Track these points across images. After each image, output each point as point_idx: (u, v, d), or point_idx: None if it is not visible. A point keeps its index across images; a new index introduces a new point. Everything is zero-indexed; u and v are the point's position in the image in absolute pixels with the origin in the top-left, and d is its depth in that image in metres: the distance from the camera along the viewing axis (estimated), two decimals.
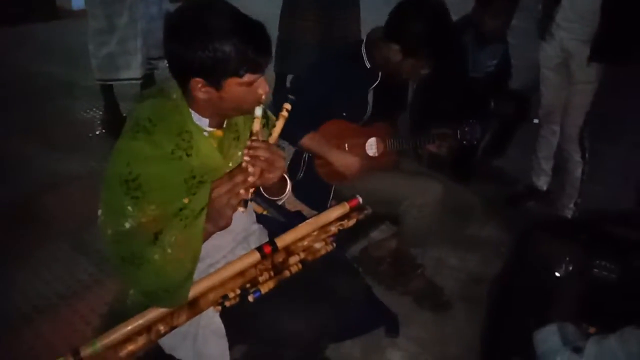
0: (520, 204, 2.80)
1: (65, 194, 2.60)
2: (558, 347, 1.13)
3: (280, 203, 1.40)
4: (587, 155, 2.48)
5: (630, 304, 1.33)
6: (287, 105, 1.13)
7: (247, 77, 1.06)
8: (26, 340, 1.79)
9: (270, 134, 1.15)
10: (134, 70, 2.93)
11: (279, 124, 1.13)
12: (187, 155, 1.10)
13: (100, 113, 3.37)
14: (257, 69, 1.07)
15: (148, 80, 3.01)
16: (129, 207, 1.06)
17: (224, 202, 1.08)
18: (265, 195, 1.37)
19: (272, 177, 1.12)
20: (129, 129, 1.10)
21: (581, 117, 2.42)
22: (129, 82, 2.98)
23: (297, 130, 1.78)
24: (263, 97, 1.11)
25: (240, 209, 1.09)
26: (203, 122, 1.15)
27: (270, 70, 3.04)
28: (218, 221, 1.10)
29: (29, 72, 4.02)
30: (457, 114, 2.26)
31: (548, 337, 1.17)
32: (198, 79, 1.05)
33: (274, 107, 1.34)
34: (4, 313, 1.90)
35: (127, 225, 1.06)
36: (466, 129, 2.02)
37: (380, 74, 1.83)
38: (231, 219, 1.11)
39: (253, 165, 1.09)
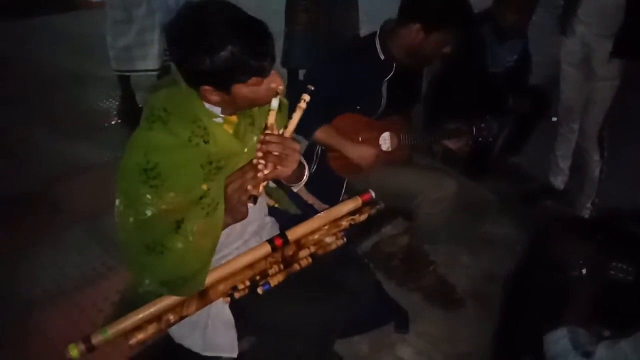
0: (536, 202, 2.76)
1: (80, 183, 2.63)
2: (568, 350, 1.11)
3: (297, 189, 1.40)
4: (605, 154, 2.42)
5: None
6: (306, 97, 1.11)
7: (254, 80, 1.05)
8: (39, 326, 1.82)
9: (285, 126, 1.14)
10: (151, 61, 2.96)
11: (296, 116, 1.12)
12: (205, 142, 1.09)
13: (117, 103, 3.39)
14: (262, 72, 1.05)
15: (165, 71, 3.02)
16: (148, 196, 1.06)
17: (235, 199, 1.09)
18: (282, 182, 1.36)
19: (286, 170, 1.11)
20: (145, 119, 1.11)
21: (601, 115, 2.37)
22: (145, 73, 3.00)
23: (311, 124, 1.77)
24: (279, 88, 1.10)
25: (250, 204, 1.09)
26: (215, 109, 1.14)
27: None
28: (234, 214, 1.12)
29: (47, 63, 4.08)
30: (474, 109, 2.23)
31: (558, 340, 1.15)
32: (207, 87, 1.05)
33: (288, 103, 1.32)
34: (18, 300, 1.94)
35: (149, 212, 1.06)
36: (482, 126, 1.99)
37: (394, 65, 1.81)
38: (247, 212, 1.12)
39: (265, 160, 1.08)
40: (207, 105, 1.12)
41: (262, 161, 1.08)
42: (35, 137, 3.04)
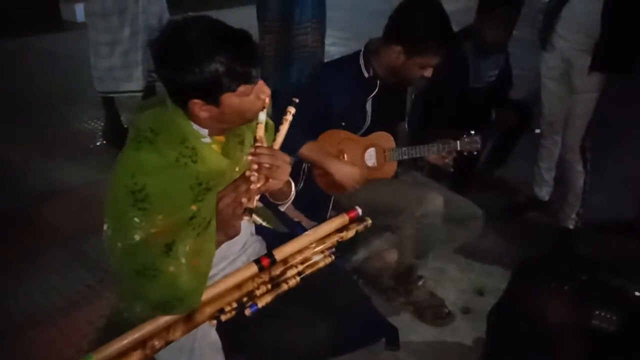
0: (521, 214, 2.79)
1: (64, 204, 2.60)
2: None
3: (284, 208, 1.39)
4: (589, 165, 2.46)
5: (630, 357, 1.27)
6: (291, 109, 1.12)
7: (243, 88, 1.06)
8: (20, 351, 1.78)
9: (274, 139, 1.14)
10: (135, 83, 2.94)
11: (283, 128, 1.13)
12: (193, 162, 1.09)
13: (102, 124, 3.38)
14: (250, 79, 1.06)
15: (149, 92, 3.01)
16: (136, 219, 1.05)
17: (229, 213, 1.08)
18: (269, 199, 1.36)
19: (278, 183, 1.12)
20: (131, 140, 1.10)
21: (583, 127, 2.41)
22: (130, 94, 2.98)
23: (296, 140, 1.77)
24: (266, 100, 1.11)
25: (245, 217, 1.08)
26: (202, 131, 1.14)
27: None
28: (227, 230, 1.10)
29: (33, 82, 4.06)
30: (458, 124, 2.25)
31: None
32: (196, 101, 1.05)
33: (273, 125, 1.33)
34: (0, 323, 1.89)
35: (137, 237, 1.05)
36: (467, 140, 2.01)
37: (378, 83, 1.84)
38: (240, 228, 1.11)
39: (258, 172, 1.08)
40: (194, 126, 1.12)
41: (255, 173, 1.07)
42: (20, 157, 3.01)
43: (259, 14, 3.10)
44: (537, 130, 2.78)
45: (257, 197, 1.10)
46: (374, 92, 1.84)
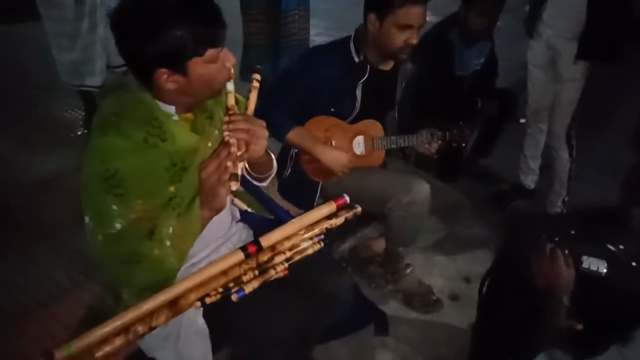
0: (507, 202, 2.80)
1: (45, 196, 2.54)
2: None
3: (266, 182, 1.38)
4: (574, 153, 2.48)
5: (618, 301, 1.32)
6: (257, 76, 1.13)
7: (209, 53, 1.04)
8: (1, 345, 1.73)
9: (246, 108, 1.14)
10: (96, 78, 2.84)
11: (253, 95, 1.13)
12: (162, 140, 1.07)
13: (82, 114, 3.30)
14: (216, 42, 1.04)
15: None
16: (114, 207, 1.03)
17: (214, 181, 1.06)
18: (252, 174, 1.34)
19: (258, 148, 1.11)
20: (97, 127, 1.08)
21: (568, 115, 2.42)
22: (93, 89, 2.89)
23: (284, 125, 1.75)
24: (232, 69, 1.10)
25: (233, 185, 1.06)
26: (169, 108, 1.12)
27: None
28: (212, 203, 1.09)
29: (10, 73, 3.94)
30: (445, 112, 2.25)
31: None
32: (162, 70, 1.02)
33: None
34: None
35: (118, 225, 1.04)
36: (455, 131, 2.01)
37: (368, 67, 1.81)
38: (225, 200, 1.10)
39: (236, 139, 1.07)
40: (161, 105, 1.10)
41: (233, 136, 1.07)
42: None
43: (243, 3, 3.06)
44: (522, 120, 2.79)
45: (240, 164, 1.08)
46: (364, 78, 1.81)
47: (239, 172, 1.06)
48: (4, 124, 3.20)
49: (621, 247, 1.40)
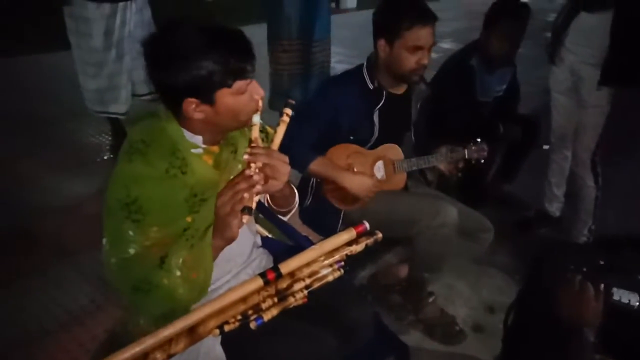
0: (532, 230, 2.74)
1: (70, 219, 2.59)
2: None
3: (288, 216, 1.37)
4: (600, 180, 2.42)
5: None
6: (288, 110, 1.11)
7: (238, 85, 1.05)
8: None
9: (272, 141, 1.13)
10: (120, 105, 2.93)
11: (281, 129, 1.11)
12: (182, 173, 1.08)
13: (109, 139, 3.39)
14: (244, 74, 1.05)
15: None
16: (130, 232, 1.05)
17: (227, 210, 1.05)
18: (273, 207, 1.34)
19: (277, 183, 1.10)
20: (124, 152, 1.10)
21: (593, 141, 2.38)
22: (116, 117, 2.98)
23: (305, 156, 1.76)
24: (260, 101, 1.10)
25: (244, 218, 1.04)
26: (196, 139, 1.13)
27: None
28: (224, 232, 1.07)
29: (40, 99, 4.10)
30: (465, 137, 2.23)
31: None
32: (190, 100, 1.04)
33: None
34: (2, 339, 1.86)
35: (132, 251, 1.05)
36: (474, 148, 1.99)
37: (384, 93, 1.82)
38: (237, 230, 1.07)
39: (255, 171, 1.06)
40: (187, 135, 1.12)
41: (254, 170, 1.05)
42: (26, 172, 3.01)
43: (272, 33, 3.14)
44: (546, 147, 2.75)
45: (256, 198, 1.07)
46: (381, 103, 1.82)
47: (253, 206, 1.05)
48: (31, 148, 3.31)
49: None
